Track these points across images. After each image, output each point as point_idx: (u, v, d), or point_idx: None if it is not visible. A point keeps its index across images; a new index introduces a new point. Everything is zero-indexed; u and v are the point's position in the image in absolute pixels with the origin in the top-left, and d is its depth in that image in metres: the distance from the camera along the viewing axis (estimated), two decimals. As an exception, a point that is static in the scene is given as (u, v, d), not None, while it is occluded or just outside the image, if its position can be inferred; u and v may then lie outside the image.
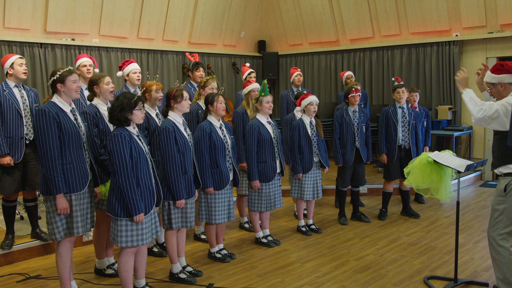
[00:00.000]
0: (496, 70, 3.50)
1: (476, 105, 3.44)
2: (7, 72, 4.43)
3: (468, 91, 3.56)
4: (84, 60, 4.78)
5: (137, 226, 3.44)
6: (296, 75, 6.61)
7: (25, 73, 4.45)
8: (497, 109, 3.34)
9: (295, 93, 6.16)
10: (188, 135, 4.01)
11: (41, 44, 7.56)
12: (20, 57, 4.46)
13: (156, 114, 4.36)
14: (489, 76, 3.54)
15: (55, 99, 3.48)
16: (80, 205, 3.52)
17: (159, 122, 4.31)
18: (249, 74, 6.16)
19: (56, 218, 3.43)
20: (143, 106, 3.51)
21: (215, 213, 4.34)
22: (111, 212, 3.42)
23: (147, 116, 4.19)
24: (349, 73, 7.40)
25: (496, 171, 3.50)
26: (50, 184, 3.35)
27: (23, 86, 4.52)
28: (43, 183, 3.42)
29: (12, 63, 4.40)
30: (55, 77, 3.45)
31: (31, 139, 4.44)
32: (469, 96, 3.52)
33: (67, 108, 3.49)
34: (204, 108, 4.76)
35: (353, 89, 5.51)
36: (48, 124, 3.33)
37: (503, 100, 3.39)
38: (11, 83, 4.42)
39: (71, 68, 3.57)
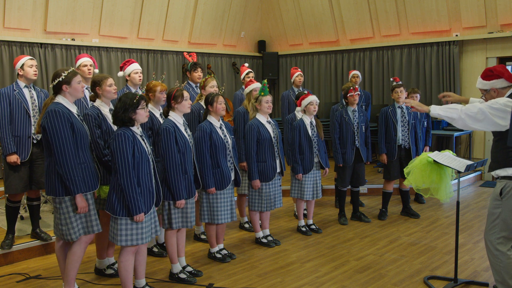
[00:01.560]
0: (486, 76, 3.49)
1: (453, 110, 3.38)
2: (18, 73, 4.49)
3: (433, 106, 3.53)
4: (85, 60, 4.79)
5: (137, 225, 3.44)
6: (297, 75, 6.64)
7: (35, 74, 4.51)
8: (480, 108, 3.27)
9: (296, 93, 6.17)
10: (189, 135, 4.02)
11: (41, 44, 7.57)
12: (31, 59, 4.52)
13: (160, 114, 4.37)
14: (481, 83, 3.54)
15: (61, 100, 3.47)
16: (94, 204, 3.58)
17: (162, 122, 4.32)
18: (247, 74, 6.16)
19: (72, 219, 3.44)
20: (147, 105, 3.51)
21: (218, 213, 4.34)
22: (110, 210, 3.42)
23: (151, 116, 4.20)
24: (354, 72, 7.43)
25: (493, 173, 3.46)
26: (70, 185, 3.35)
27: (33, 87, 4.57)
28: (56, 184, 3.41)
29: (23, 64, 4.45)
30: (60, 79, 3.45)
31: (38, 139, 4.46)
32: (439, 107, 3.48)
33: (74, 109, 3.51)
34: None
35: (351, 88, 5.52)
36: (63, 125, 3.34)
37: (487, 101, 3.35)
38: (22, 83, 4.48)
39: (74, 68, 3.58)
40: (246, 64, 6.53)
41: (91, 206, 3.55)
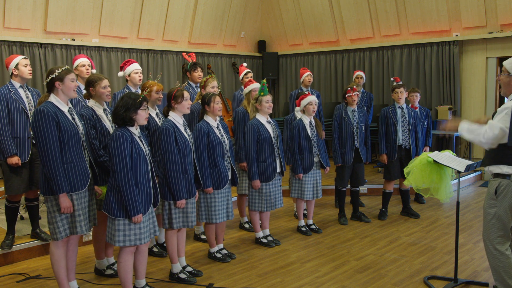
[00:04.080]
0: None
1: (477, 133, 3.32)
2: (12, 73, 4.46)
3: (462, 126, 3.44)
4: (83, 60, 4.81)
5: (135, 226, 3.43)
6: (307, 75, 6.77)
7: (30, 73, 4.50)
8: (500, 128, 3.22)
9: (306, 92, 6.19)
10: (189, 135, 4.02)
11: (41, 44, 7.56)
12: (25, 58, 4.50)
13: (156, 114, 4.37)
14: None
15: (52, 98, 3.46)
16: (82, 204, 3.52)
17: (159, 122, 4.32)
18: (245, 74, 6.15)
19: (57, 218, 3.43)
20: (147, 107, 3.51)
21: (214, 213, 4.34)
22: (107, 211, 3.42)
23: (147, 116, 4.19)
24: (358, 73, 7.48)
25: (486, 169, 3.42)
26: (53, 184, 3.34)
27: (27, 87, 4.56)
28: (44, 183, 3.42)
29: (17, 64, 4.43)
30: (53, 75, 3.44)
31: (34, 138, 4.46)
32: (466, 129, 3.41)
33: (64, 108, 3.48)
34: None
35: (349, 88, 5.53)
36: (47, 124, 3.32)
37: (501, 114, 3.27)
38: (16, 83, 4.46)
39: (69, 67, 3.57)
40: (245, 64, 6.54)
41: (78, 206, 3.48)
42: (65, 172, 3.39)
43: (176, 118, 3.97)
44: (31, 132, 4.44)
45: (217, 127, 4.35)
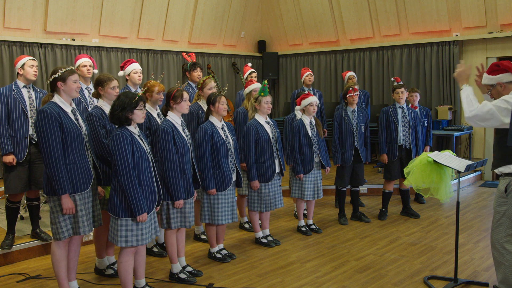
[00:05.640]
0: (492, 71, 3.46)
1: (470, 104, 3.41)
2: (18, 73, 4.48)
3: (467, 89, 3.51)
4: (84, 60, 4.81)
5: (137, 226, 3.44)
6: (307, 75, 6.88)
7: (35, 74, 4.51)
8: (490, 109, 3.27)
9: (306, 92, 6.21)
10: (187, 135, 4.01)
11: (41, 44, 7.56)
12: (32, 59, 4.52)
13: (158, 114, 4.37)
14: (487, 78, 3.50)
15: (56, 99, 3.48)
16: (85, 204, 3.53)
17: (160, 122, 4.32)
18: (250, 74, 6.18)
19: (60, 218, 3.43)
20: (144, 106, 3.51)
21: (219, 214, 4.34)
22: (112, 211, 3.42)
23: (149, 116, 4.20)
24: (351, 73, 7.46)
25: (496, 171, 3.44)
26: (55, 185, 3.34)
27: (32, 87, 4.57)
28: (47, 183, 3.42)
29: (23, 64, 4.45)
30: (56, 75, 3.45)
31: (37, 139, 4.46)
32: (466, 94, 3.49)
33: (68, 108, 3.49)
34: (204, 108, 4.77)
35: (351, 88, 5.53)
36: (51, 125, 3.33)
37: (498, 99, 3.32)
38: (21, 83, 4.48)
39: (73, 68, 3.58)
40: (249, 64, 6.55)
41: (81, 207, 3.49)
42: (67, 173, 3.40)
43: (175, 118, 3.97)
44: (33, 132, 4.45)
45: (222, 128, 4.34)
